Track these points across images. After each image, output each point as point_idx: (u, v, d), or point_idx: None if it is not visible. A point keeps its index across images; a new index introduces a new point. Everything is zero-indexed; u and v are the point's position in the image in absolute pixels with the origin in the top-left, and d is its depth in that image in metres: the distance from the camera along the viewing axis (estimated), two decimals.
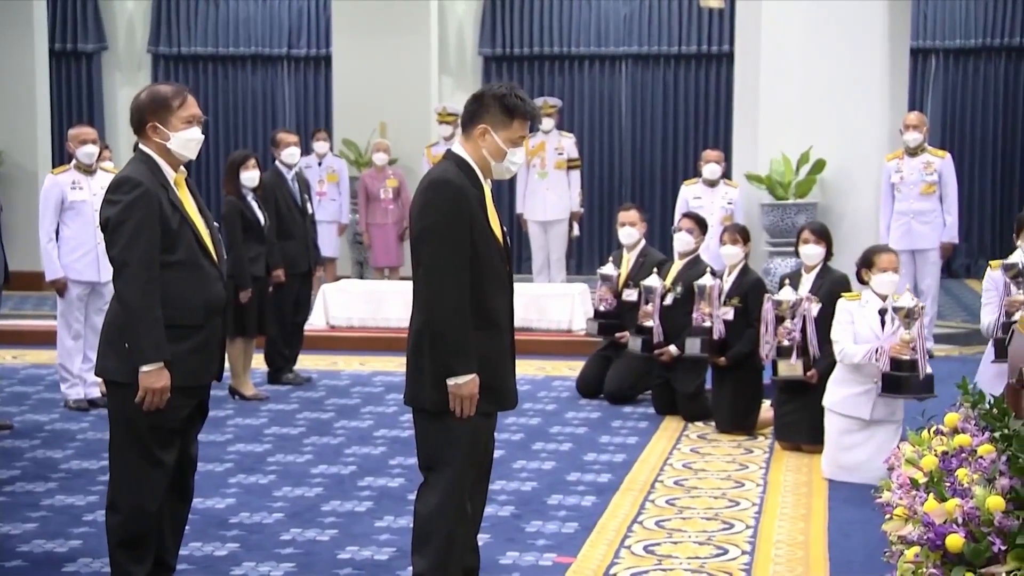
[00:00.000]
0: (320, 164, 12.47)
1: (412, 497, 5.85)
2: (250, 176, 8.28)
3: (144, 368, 4.09)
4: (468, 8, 15.53)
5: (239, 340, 8.20)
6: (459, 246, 3.99)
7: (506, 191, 13.67)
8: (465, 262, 3.99)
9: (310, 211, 9.11)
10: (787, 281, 7.06)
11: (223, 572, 4.86)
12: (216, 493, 5.96)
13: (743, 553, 5.08)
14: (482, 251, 4.05)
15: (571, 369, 8.94)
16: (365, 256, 13.21)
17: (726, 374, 7.47)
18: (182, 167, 4.36)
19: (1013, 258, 6.23)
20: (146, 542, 4.26)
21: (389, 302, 10.75)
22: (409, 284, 12.56)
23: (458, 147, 4.15)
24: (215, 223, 4.47)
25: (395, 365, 9.61)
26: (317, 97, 15.93)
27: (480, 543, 5.17)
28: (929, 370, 6.06)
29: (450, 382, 3.99)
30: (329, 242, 12.16)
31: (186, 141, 4.27)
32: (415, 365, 4.11)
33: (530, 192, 11.93)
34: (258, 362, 8.74)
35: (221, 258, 4.36)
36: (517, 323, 11.47)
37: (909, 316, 5.98)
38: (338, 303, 10.75)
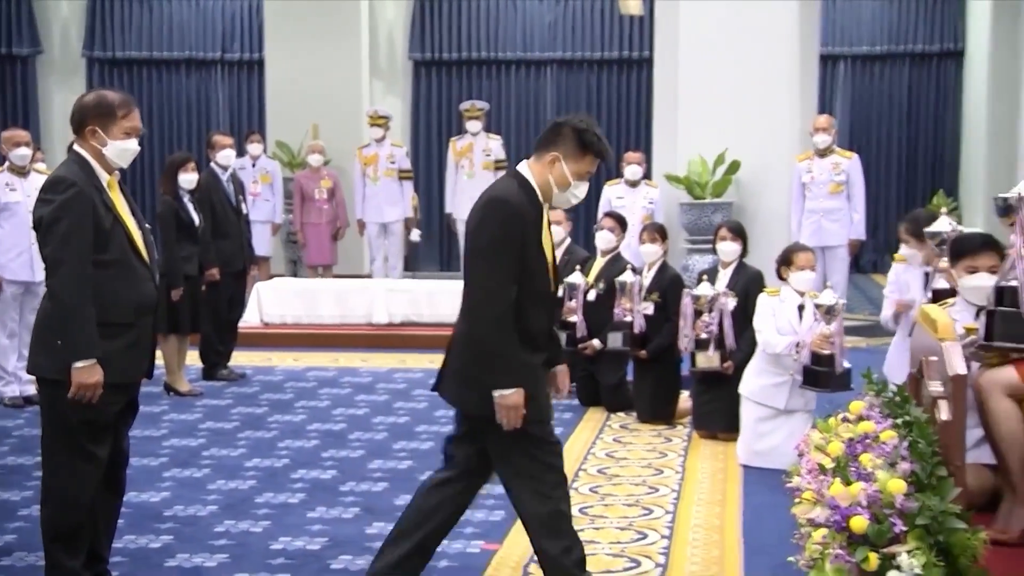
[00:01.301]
0: (254, 165, 12.35)
1: (345, 488, 5.88)
2: (188, 178, 8.20)
3: (77, 364, 4.03)
4: (398, 14, 15.46)
5: (172, 337, 8.11)
6: (509, 265, 3.90)
7: (436, 192, 13.64)
8: (512, 280, 3.92)
9: (244, 211, 9.03)
10: (705, 277, 7.12)
11: (157, 564, 4.79)
12: (151, 487, 5.88)
13: (662, 537, 5.12)
14: (532, 270, 3.99)
15: None
16: (299, 255, 13.12)
17: (646, 366, 7.51)
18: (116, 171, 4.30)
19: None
20: (80, 535, 4.20)
21: (323, 300, 10.68)
22: (342, 281, 12.47)
23: (524, 167, 4.09)
24: (147, 224, 4.41)
25: (328, 360, 9.58)
26: (251, 100, 15.77)
27: None
28: (848, 365, 6.14)
29: (496, 394, 3.93)
30: (263, 241, 12.05)
31: (122, 151, 4.23)
32: (461, 371, 4.07)
33: (459, 192, 11.92)
34: (193, 359, 8.64)
35: (153, 258, 4.31)
36: (448, 320, 11.47)
37: (829, 312, 6.07)
38: (272, 301, 10.66)
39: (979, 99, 14.16)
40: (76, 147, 4.25)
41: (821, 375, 6.10)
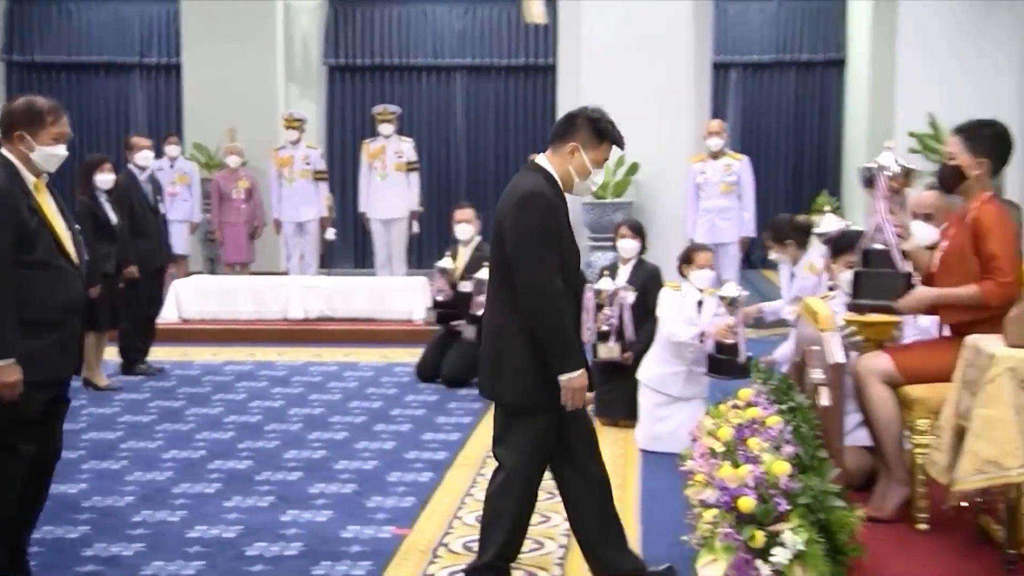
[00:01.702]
0: (172, 167, 12.13)
1: (260, 478, 5.81)
2: (104, 178, 8.04)
3: None
4: (312, 20, 15.30)
5: (91, 334, 7.92)
6: (554, 256, 3.86)
7: (350, 192, 13.54)
8: (559, 269, 3.87)
9: (162, 211, 8.87)
10: (606, 272, 7.17)
11: (74, 554, 4.68)
12: (69, 479, 5.73)
13: (564, 520, 5.12)
14: (566, 260, 3.95)
15: (411, 356, 8.90)
16: (217, 253, 12.92)
17: None
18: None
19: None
20: (5, 530, 4.09)
21: (240, 296, 10.56)
22: (259, 278, 12.25)
23: (544, 160, 4.02)
24: (77, 226, 4.31)
25: (245, 355, 9.45)
26: (168, 103, 15.46)
27: (323, 519, 5.16)
28: (750, 354, 6.23)
29: (562, 378, 3.89)
30: (181, 240, 11.87)
31: (50, 156, 4.16)
32: (495, 363, 3.99)
33: (372, 192, 11.84)
34: (112, 354, 8.46)
35: (82, 259, 4.22)
36: (361, 315, 11.46)
37: (733, 304, 6.16)
38: (190, 298, 10.49)
39: (859, 105, 14.45)
40: (2, 151, 4.14)
41: (724, 363, 6.19)
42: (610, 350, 6.95)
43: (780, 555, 3.43)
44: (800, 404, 4.18)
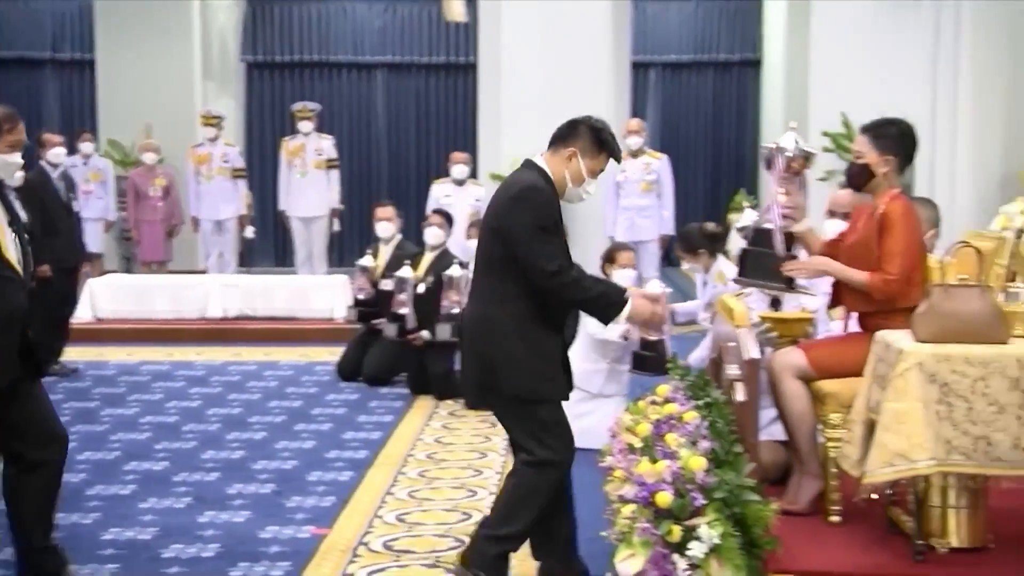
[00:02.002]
0: (86, 164, 11.90)
1: (177, 479, 5.72)
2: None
3: None
4: (230, 16, 15.11)
5: None
6: (558, 242, 3.87)
7: (270, 189, 13.41)
8: (563, 253, 3.86)
9: (76, 209, 8.69)
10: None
11: None
12: None
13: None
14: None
15: (332, 354, 8.84)
16: (133, 252, 12.71)
17: None
18: None
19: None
20: None
21: (156, 295, 10.40)
22: (176, 277, 12.05)
23: (540, 160, 4.00)
24: (26, 235, 4.22)
25: (162, 355, 9.30)
26: (82, 100, 15.16)
27: (241, 519, 5.10)
28: (674, 351, 6.28)
29: (625, 321, 3.97)
30: (95, 239, 11.65)
31: (5, 164, 4.11)
32: (485, 354, 3.93)
33: (292, 190, 11.74)
34: None
35: (27, 270, 4.13)
36: (281, 313, 11.34)
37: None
38: (105, 297, 10.31)
39: (775, 105, 14.68)
40: None
41: (649, 360, 6.23)
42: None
43: (696, 549, 3.47)
44: (716, 400, 4.24)
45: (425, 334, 7.82)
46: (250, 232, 12.07)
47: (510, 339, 3.89)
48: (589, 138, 4.00)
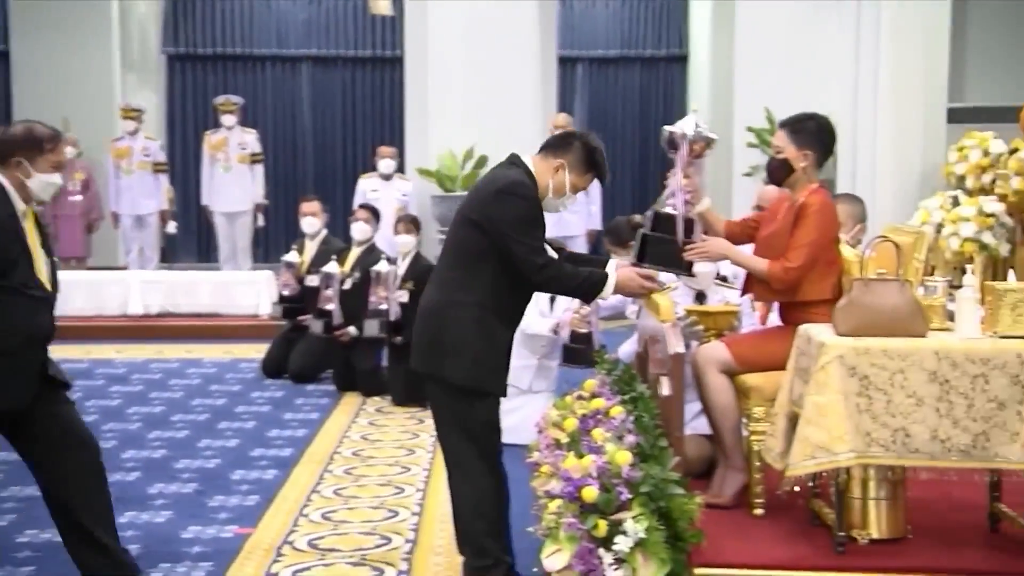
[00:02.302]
0: None
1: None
2: None
3: None
4: (150, 7, 14.87)
5: None
6: (541, 235, 3.93)
7: (192, 184, 13.22)
8: (543, 246, 3.93)
9: None
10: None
11: None
12: None
13: (413, 514, 5.14)
14: None
15: (257, 351, 8.76)
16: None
17: (401, 351, 7.50)
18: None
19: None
20: None
21: (75, 291, 10.20)
22: (95, 273, 11.82)
23: (528, 159, 4.02)
24: (56, 258, 4.20)
25: (80, 352, 9.13)
26: None
27: (162, 519, 5.03)
28: (603, 343, 6.32)
29: (612, 294, 4.02)
30: None
31: (46, 184, 4.02)
32: (438, 338, 3.98)
33: (215, 185, 11.60)
34: None
35: (55, 291, 4.10)
36: (205, 310, 11.22)
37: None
38: None
39: (701, 101, 14.80)
40: None
41: (579, 352, 6.28)
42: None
43: (622, 543, 3.49)
44: (642, 394, 4.26)
45: (352, 330, 7.77)
46: (172, 227, 11.91)
47: (466, 327, 3.94)
48: (580, 154, 4.04)
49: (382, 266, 7.60)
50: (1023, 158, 7.78)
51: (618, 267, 4.12)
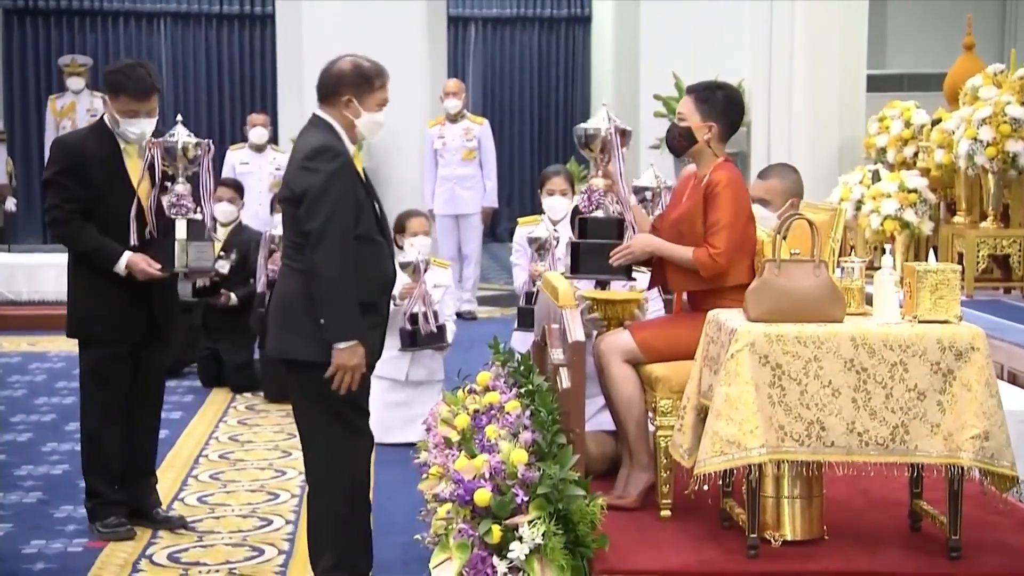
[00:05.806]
0: None
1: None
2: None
3: (339, 345, 3.94)
4: None
5: None
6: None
7: (35, 155, 12.90)
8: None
9: None
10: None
11: None
12: None
13: (287, 523, 5.11)
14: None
15: None
16: None
17: None
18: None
19: (536, 232, 6.60)
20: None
21: None
22: None
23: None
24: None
25: None
26: None
27: (0, 533, 4.92)
28: (441, 321, 6.35)
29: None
30: None
31: (375, 123, 4.14)
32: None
33: None
34: None
35: (388, 234, 4.25)
36: (51, 297, 10.97)
37: (416, 272, 6.29)
38: None
39: (605, 66, 14.93)
40: (323, 115, 4.09)
41: (415, 334, 6.33)
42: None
43: (518, 550, 3.53)
44: (539, 387, 4.29)
45: (233, 296, 7.68)
46: (11, 205, 11.64)
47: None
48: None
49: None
50: (947, 129, 8.03)
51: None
